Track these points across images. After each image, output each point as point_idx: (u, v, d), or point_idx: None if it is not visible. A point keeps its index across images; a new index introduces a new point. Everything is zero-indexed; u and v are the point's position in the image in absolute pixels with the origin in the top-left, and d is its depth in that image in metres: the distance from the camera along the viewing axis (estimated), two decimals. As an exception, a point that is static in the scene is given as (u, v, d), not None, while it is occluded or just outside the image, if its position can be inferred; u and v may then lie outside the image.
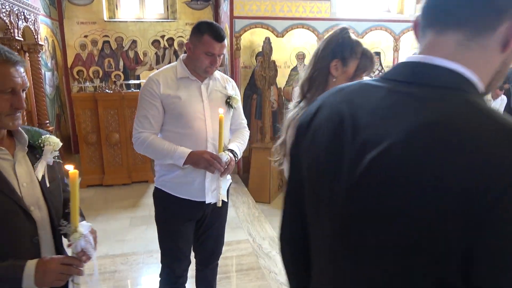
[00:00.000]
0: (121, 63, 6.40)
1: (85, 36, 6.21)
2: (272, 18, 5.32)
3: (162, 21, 6.40)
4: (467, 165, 0.51)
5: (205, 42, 1.76)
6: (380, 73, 5.88)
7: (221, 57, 1.84)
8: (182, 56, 1.93)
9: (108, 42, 6.29)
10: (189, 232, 2.01)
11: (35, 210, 1.20)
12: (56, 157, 1.29)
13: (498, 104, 6.29)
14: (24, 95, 1.17)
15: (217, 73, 1.96)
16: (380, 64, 5.94)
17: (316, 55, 1.43)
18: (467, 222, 0.51)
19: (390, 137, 0.60)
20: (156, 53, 6.46)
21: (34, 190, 1.22)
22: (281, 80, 5.58)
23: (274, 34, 5.37)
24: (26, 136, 1.23)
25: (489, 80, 0.66)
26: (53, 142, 1.27)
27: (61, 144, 1.30)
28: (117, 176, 5.01)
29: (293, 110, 1.49)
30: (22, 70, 1.16)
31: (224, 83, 1.99)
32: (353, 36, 1.43)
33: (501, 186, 0.49)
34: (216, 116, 1.86)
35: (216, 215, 2.04)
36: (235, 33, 5.27)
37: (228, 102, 1.97)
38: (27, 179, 1.21)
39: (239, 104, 2.03)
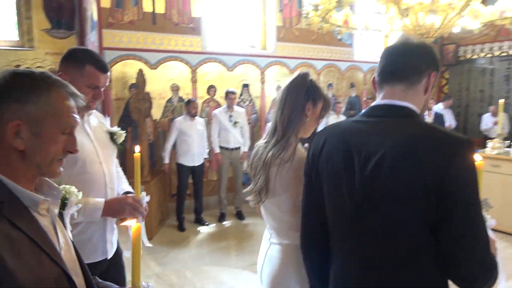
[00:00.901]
0: (-38, 96, 5.46)
1: None
2: (145, 50, 5.29)
3: (16, 49, 5.73)
4: (431, 153, 0.97)
5: (88, 74, 1.56)
6: (250, 103, 6.34)
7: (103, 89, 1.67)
8: None
9: None
10: None
11: (75, 278, 0.96)
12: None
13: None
14: None
15: None
16: (249, 95, 6.40)
17: (291, 98, 1.56)
18: (437, 183, 0.95)
19: (384, 147, 1.03)
20: (9, 84, 5.71)
21: (71, 253, 1.01)
22: (157, 111, 5.53)
23: (148, 65, 5.34)
24: (57, 186, 1.01)
25: (419, 111, 1.15)
26: (75, 193, 1.08)
27: (80, 194, 1.12)
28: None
29: (272, 149, 1.56)
30: None
31: (100, 118, 1.83)
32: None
33: (449, 161, 0.95)
34: (107, 157, 1.71)
35: (120, 267, 1.83)
36: (105, 65, 5.05)
37: (114, 139, 1.80)
38: (63, 239, 0.99)
39: None
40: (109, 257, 1.72)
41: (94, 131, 1.72)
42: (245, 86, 6.33)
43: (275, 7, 6.46)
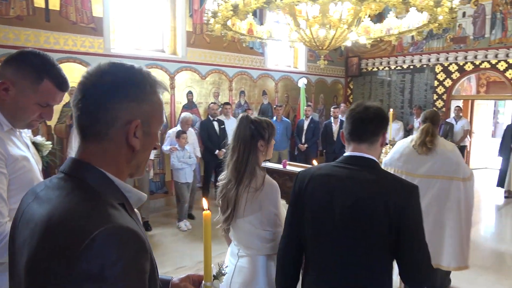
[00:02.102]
0: None
1: None
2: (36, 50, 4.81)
3: None
4: (394, 194, 1.38)
5: (44, 91, 1.29)
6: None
7: None
8: None
9: None
10: None
11: None
12: None
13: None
14: None
15: None
16: (159, 101, 6.20)
17: (243, 145, 1.83)
18: (396, 214, 1.35)
19: (360, 189, 1.43)
20: None
21: None
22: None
23: (40, 66, 4.86)
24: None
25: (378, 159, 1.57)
26: None
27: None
28: None
29: (236, 187, 1.84)
30: None
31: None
32: (253, 117, 1.90)
33: (408, 201, 1.38)
34: (39, 172, 1.48)
35: None
36: (-14, 63, 4.49)
37: (40, 150, 1.58)
38: None
39: None
40: None
41: (30, 145, 1.48)
42: (154, 91, 6.10)
43: (184, 12, 6.37)
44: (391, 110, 5.71)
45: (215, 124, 6.17)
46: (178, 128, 5.42)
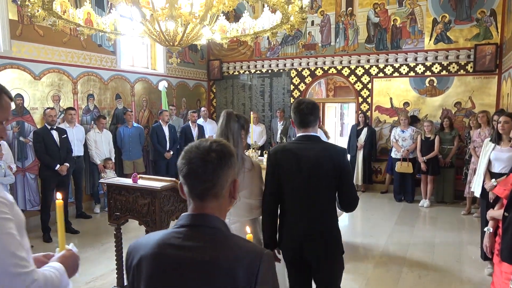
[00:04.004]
0: None
1: None
2: None
3: None
4: (335, 155, 2.28)
5: (5, 107, 1.27)
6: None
7: None
8: None
9: None
10: None
11: None
12: None
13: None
14: None
15: None
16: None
17: (231, 133, 2.31)
18: (339, 168, 2.26)
19: (315, 155, 2.26)
20: None
21: None
22: None
23: None
24: None
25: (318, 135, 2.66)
26: None
27: None
28: None
29: None
30: None
31: None
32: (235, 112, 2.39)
33: (342, 157, 2.31)
34: None
35: None
36: None
37: None
38: None
39: None
40: None
41: None
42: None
43: (6, -4, 5.16)
44: (253, 113, 5.63)
45: (54, 133, 5.14)
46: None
